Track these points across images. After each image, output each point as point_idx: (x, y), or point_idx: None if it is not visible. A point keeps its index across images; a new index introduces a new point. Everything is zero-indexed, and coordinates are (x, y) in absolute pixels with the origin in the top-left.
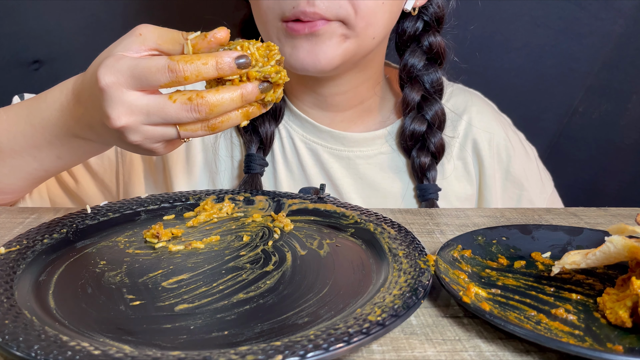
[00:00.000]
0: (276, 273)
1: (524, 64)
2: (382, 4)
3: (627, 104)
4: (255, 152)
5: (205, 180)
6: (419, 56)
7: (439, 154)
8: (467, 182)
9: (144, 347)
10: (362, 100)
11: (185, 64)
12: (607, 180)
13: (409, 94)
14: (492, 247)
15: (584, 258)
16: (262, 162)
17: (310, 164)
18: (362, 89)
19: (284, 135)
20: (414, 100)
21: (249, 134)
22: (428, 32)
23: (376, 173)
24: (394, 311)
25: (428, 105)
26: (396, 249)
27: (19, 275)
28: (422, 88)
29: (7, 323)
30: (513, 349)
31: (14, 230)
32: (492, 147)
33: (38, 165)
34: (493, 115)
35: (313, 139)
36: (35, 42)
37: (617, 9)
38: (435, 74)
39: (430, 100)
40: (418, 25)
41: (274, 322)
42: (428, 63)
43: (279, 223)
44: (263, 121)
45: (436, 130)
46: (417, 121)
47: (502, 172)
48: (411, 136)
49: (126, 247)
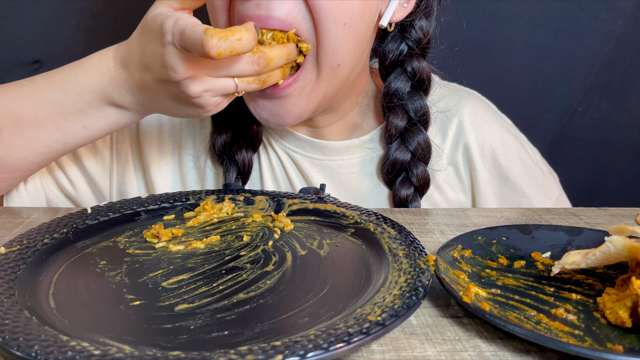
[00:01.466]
0: (276, 273)
1: (524, 64)
2: (344, 25)
3: (627, 104)
4: (233, 182)
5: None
6: (403, 81)
7: (423, 188)
8: (460, 190)
9: (144, 347)
10: (344, 113)
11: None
12: (607, 180)
13: (392, 121)
14: (492, 247)
15: (584, 258)
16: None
17: (292, 174)
18: (345, 106)
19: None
20: (398, 128)
21: (225, 164)
22: (412, 57)
23: (359, 182)
24: (394, 311)
25: (411, 135)
26: (396, 249)
27: (19, 275)
28: (407, 116)
29: (7, 323)
30: (513, 349)
31: (14, 230)
32: (485, 151)
33: (60, 137)
34: (489, 117)
35: (293, 148)
36: (35, 42)
37: (617, 9)
38: (419, 101)
39: (414, 131)
40: (402, 48)
41: (274, 322)
42: (412, 90)
43: (279, 223)
44: (239, 149)
45: (419, 162)
46: (400, 151)
47: (499, 179)
48: (393, 167)
49: (126, 247)
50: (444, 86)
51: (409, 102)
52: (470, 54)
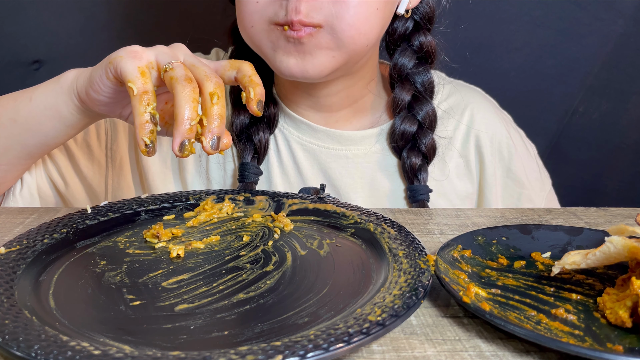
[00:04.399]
0: (276, 273)
1: (524, 64)
2: (376, 10)
3: (627, 104)
4: (250, 161)
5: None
6: (409, 56)
7: (430, 155)
8: (468, 180)
9: (144, 347)
10: (355, 99)
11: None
12: (607, 180)
13: (399, 94)
14: (492, 247)
15: (584, 258)
16: (256, 170)
17: (307, 166)
18: (355, 88)
19: (280, 139)
20: (404, 100)
21: (243, 143)
22: (418, 32)
23: (371, 172)
24: (394, 311)
25: (419, 105)
26: (396, 249)
27: (19, 275)
28: (413, 88)
29: (7, 323)
30: (513, 349)
31: (14, 230)
32: (494, 145)
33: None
34: (494, 112)
35: (310, 140)
36: (35, 42)
37: (617, 9)
38: (426, 74)
39: (421, 100)
40: (408, 24)
41: (274, 322)
42: (418, 62)
43: (279, 223)
44: (257, 130)
45: (427, 131)
46: (408, 121)
47: (503, 170)
48: (402, 136)
49: (126, 247)
50: (451, 82)
51: (415, 74)
52: (470, 54)
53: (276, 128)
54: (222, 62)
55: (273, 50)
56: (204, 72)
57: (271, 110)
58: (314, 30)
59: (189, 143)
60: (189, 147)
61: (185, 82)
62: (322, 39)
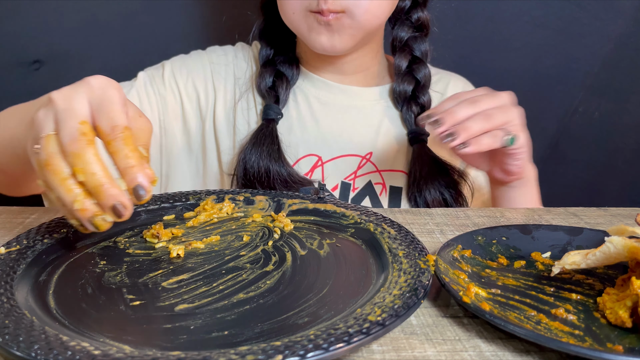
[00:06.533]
0: (276, 273)
1: (523, 64)
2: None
3: (627, 104)
4: (272, 104)
5: (229, 139)
6: (407, 27)
7: (427, 106)
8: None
9: (144, 347)
10: (367, 67)
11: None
12: (607, 180)
13: (398, 59)
14: (492, 247)
15: (584, 258)
16: (277, 111)
17: (323, 115)
18: (367, 58)
19: (299, 95)
20: (403, 64)
21: (268, 91)
22: (416, 8)
23: (377, 120)
24: (394, 311)
25: (418, 67)
26: (396, 249)
27: (19, 275)
28: (411, 54)
29: (7, 323)
30: (513, 349)
31: (14, 230)
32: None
33: None
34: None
35: (325, 94)
36: (35, 42)
37: (617, 9)
38: (423, 43)
39: (420, 64)
40: (407, 2)
41: (274, 322)
42: (416, 33)
43: (279, 223)
44: (282, 82)
45: (424, 87)
46: (406, 81)
47: None
48: (401, 94)
49: (126, 247)
50: (438, 72)
51: (413, 43)
52: (470, 54)
53: (295, 85)
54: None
55: (308, 31)
56: (109, 125)
57: (294, 70)
58: (338, 15)
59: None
60: (100, 222)
61: (45, 167)
62: (345, 22)
